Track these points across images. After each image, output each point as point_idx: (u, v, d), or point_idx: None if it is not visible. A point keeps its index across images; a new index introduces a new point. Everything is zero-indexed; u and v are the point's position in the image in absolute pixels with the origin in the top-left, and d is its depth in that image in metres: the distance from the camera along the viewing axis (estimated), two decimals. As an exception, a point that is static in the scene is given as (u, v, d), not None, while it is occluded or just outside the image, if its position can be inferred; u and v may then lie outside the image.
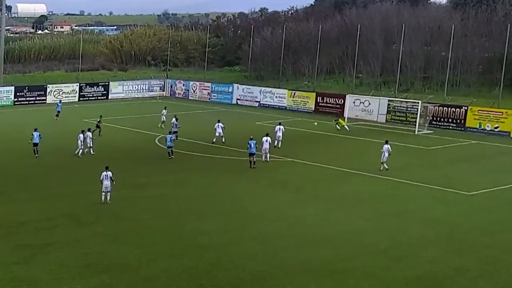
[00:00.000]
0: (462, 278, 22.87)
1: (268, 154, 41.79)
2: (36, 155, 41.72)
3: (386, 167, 38.99)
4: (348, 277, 22.65)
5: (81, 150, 42.52)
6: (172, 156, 42.14)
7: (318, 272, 23.03)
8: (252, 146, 39.61)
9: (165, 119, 55.38)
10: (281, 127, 47.30)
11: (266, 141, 41.81)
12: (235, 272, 23.00)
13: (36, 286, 21.47)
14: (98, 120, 51.13)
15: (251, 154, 39.70)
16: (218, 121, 49.00)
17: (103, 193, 31.31)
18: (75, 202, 31.85)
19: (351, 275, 22.77)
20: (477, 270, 23.68)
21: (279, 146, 46.03)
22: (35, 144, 42.21)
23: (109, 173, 31.41)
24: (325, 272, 23.06)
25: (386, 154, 39.11)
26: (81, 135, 42.74)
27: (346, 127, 55.94)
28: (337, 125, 55.98)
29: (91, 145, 43.47)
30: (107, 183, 31.23)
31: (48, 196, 32.95)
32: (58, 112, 59.85)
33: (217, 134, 48.07)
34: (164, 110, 56.66)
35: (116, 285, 21.65)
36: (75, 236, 26.61)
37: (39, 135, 42.28)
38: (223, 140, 47.83)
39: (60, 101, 63.87)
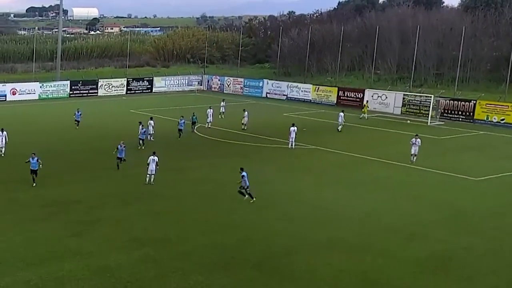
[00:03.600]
0: (470, 256, 22.58)
1: (294, 142, 41.66)
2: (34, 184, 30.67)
3: (413, 159, 37.86)
4: (365, 254, 22.47)
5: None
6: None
7: (338, 249, 22.91)
8: (120, 148, 34.90)
9: (224, 110, 55.80)
10: (342, 114, 49.47)
11: (293, 130, 41.74)
12: (262, 247, 22.96)
13: (87, 257, 21.68)
14: (193, 115, 48.29)
15: (119, 158, 34.78)
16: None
17: (148, 175, 31.47)
18: (122, 183, 32.09)
19: (368, 252, 22.59)
20: (483, 249, 23.35)
21: (340, 129, 49.06)
22: (33, 171, 30.61)
23: (156, 158, 31.54)
24: (344, 249, 22.91)
25: (417, 147, 37.98)
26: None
27: (365, 116, 56.53)
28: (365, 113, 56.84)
29: (152, 132, 43.52)
30: (152, 166, 31.36)
31: (98, 178, 33.22)
32: (77, 121, 49.36)
33: (208, 120, 49.72)
34: (222, 102, 56.99)
35: (158, 258, 21.75)
36: (121, 214, 26.84)
37: (38, 160, 30.70)
38: (245, 128, 48.71)
39: (78, 109, 50.23)
